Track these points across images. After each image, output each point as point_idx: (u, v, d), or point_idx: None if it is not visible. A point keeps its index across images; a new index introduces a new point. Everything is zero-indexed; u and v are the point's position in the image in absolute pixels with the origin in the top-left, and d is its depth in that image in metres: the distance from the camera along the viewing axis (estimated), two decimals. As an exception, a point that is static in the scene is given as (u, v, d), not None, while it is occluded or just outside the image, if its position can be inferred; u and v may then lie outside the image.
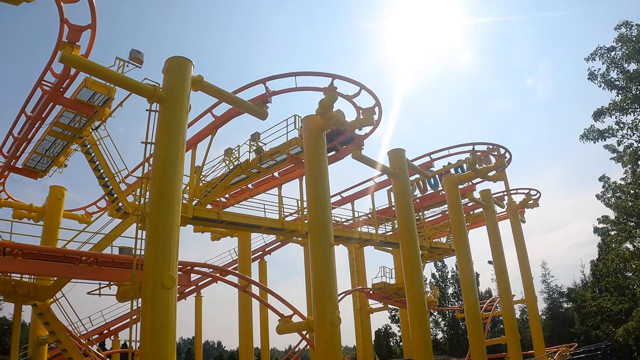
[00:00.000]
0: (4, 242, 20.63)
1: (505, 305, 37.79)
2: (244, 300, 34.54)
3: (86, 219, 35.38)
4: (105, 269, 21.03)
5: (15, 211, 33.08)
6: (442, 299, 74.41)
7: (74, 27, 20.14)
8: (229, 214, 26.34)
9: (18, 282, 22.73)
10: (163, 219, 16.83)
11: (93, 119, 24.91)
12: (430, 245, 39.46)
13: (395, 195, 28.89)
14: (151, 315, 15.97)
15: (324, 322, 20.95)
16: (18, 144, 27.09)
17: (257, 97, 22.96)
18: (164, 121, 18.21)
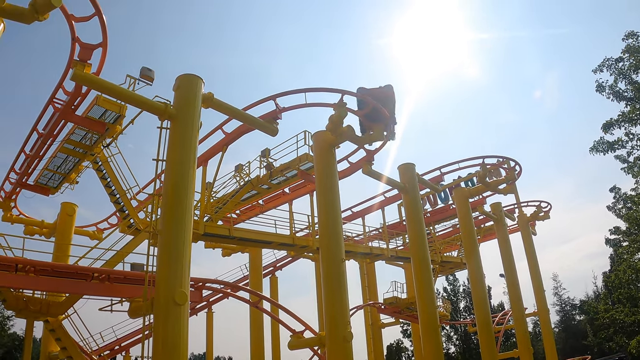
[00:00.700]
0: (16, 259, 20.72)
1: (518, 318, 37.64)
2: (255, 315, 34.49)
3: (97, 236, 35.50)
4: (117, 285, 21.13)
5: (27, 227, 33.23)
6: (454, 312, 74.12)
7: (85, 45, 20.31)
8: (240, 230, 26.33)
9: (30, 298, 22.84)
10: (175, 235, 16.85)
11: (104, 136, 25.10)
12: (441, 259, 39.31)
13: (406, 210, 28.88)
14: (163, 331, 15.97)
15: (335, 337, 20.90)
16: (30, 161, 27.25)
17: (267, 114, 23.01)
18: (175, 138, 18.29)
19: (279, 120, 22.97)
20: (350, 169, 28.24)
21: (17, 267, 19.98)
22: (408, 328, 71.35)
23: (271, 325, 38.35)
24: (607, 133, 31.21)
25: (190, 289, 17.47)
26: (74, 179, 28.68)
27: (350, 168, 28.23)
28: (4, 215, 32.21)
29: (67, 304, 23.59)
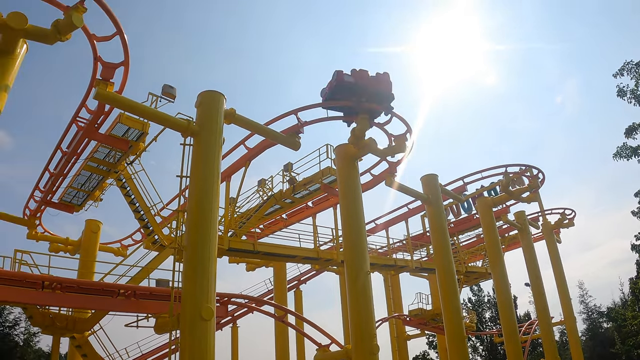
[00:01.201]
0: (42, 276, 20.92)
1: (544, 327, 37.27)
2: (280, 330, 34.44)
3: (122, 252, 35.70)
4: (142, 301, 21.27)
5: (52, 245, 33.54)
6: (480, 323, 73.47)
7: (107, 64, 20.46)
8: (264, 245, 26.35)
9: (56, 314, 23.06)
10: (200, 251, 16.93)
11: (128, 154, 25.25)
12: (466, 270, 39.08)
13: (430, 221, 28.78)
14: (189, 347, 16.05)
15: (362, 350, 20.84)
16: (54, 179, 27.49)
17: (289, 128, 23.04)
18: (198, 155, 18.41)
19: (301, 134, 23.02)
20: (373, 181, 28.22)
21: (43, 284, 20.17)
22: (434, 339, 70.74)
23: (296, 339, 38.26)
24: (629, 138, 30.90)
25: (216, 304, 17.52)
26: (98, 196, 28.88)
27: (373, 180, 28.21)
28: (29, 232, 32.52)
29: (93, 320, 23.78)
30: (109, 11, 19.18)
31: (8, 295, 20.15)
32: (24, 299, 20.54)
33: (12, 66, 17.01)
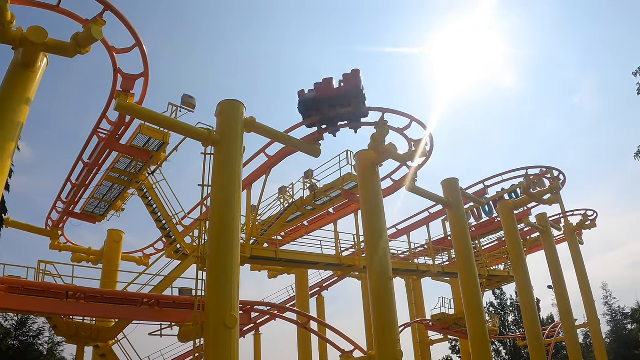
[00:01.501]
0: (66, 286, 21.05)
1: (568, 330, 37.02)
2: (303, 336, 34.39)
3: (144, 261, 35.85)
4: (166, 310, 21.34)
5: (75, 255, 33.82)
6: (503, 327, 72.98)
7: (127, 76, 20.56)
8: (286, 252, 26.39)
9: (80, 324, 23.22)
10: (223, 259, 17.04)
11: (149, 164, 25.38)
12: (488, 274, 38.85)
13: (451, 225, 28.74)
14: (214, 354, 16.17)
15: (385, 356, 20.79)
16: (76, 190, 27.69)
17: (309, 135, 23.10)
18: (219, 164, 18.54)
19: (321, 141, 23.07)
20: (393, 186, 28.21)
21: (67, 294, 20.28)
22: (456, 344, 70.32)
23: (319, 346, 38.18)
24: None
25: (239, 312, 17.58)
26: (120, 206, 29.05)
27: (393, 186, 28.21)
28: (52, 243, 32.82)
29: (117, 330, 23.93)
30: (128, 24, 19.33)
31: (33, 306, 20.30)
32: (48, 309, 20.68)
33: (33, 80, 17.17)
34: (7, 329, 50.95)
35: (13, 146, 16.07)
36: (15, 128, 16.19)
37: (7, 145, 15.75)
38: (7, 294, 19.13)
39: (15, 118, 16.23)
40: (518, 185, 38.76)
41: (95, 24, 17.43)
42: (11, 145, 15.94)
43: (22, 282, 19.84)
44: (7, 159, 15.71)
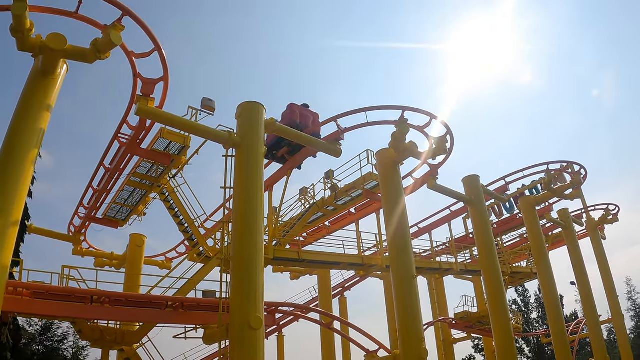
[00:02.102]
0: (91, 290, 21.20)
1: (592, 326, 36.67)
2: (326, 337, 34.39)
3: (166, 265, 35.92)
4: (190, 312, 21.41)
5: (97, 260, 33.91)
6: (526, 324, 72.61)
7: (147, 80, 20.62)
8: (309, 253, 26.44)
9: (105, 328, 23.33)
10: (247, 261, 17.10)
11: (170, 168, 25.40)
12: (510, 271, 38.63)
13: (473, 222, 28.60)
14: (239, 356, 16.24)
15: (411, 355, 20.78)
16: (98, 196, 27.80)
17: (329, 135, 23.13)
18: (240, 166, 18.59)
19: (342, 140, 23.06)
20: (414, 185, 28.06)
21: (92, 298, 20.41)
22: (480, 342, 70.04)
23: (342, 346, 38.14)
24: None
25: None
26: (141, 210, 29.10)
27: (414, 184, 28.04)
28: (74, 249, 32.94)
29: (142, 333, 24.03)
30: (147, 28, 19.34)
31: (58, 310, 20.46)
32: (73, 314, 20.83)
33: (54, 87, 17.20)
34: (32, 334, 51.25)
35: (35, 153, 16.14)
36: (37, 135, 16.27)
37: (29, 152, 15.84)
38: (32, 299, 19.30)
39: (36, 125, 16.30)
40: (539, 181, 38.41)
41: (114, 29, 17.44)
42: (33, 152, 16.02)
43: (47, 287, 19.99)
44: (29, 166, 15.80)
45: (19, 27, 16.01)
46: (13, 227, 14.85)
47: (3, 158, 15.49)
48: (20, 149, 15.73)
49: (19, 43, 16.45)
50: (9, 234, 14.63)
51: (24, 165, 15.58)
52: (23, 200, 15.66)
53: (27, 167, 15.66)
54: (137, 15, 18.58)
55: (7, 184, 15.10)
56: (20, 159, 15.58)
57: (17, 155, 15.60)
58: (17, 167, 15.43)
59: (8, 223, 14.63)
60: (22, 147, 15.79)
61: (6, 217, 14.63)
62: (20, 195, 15.38)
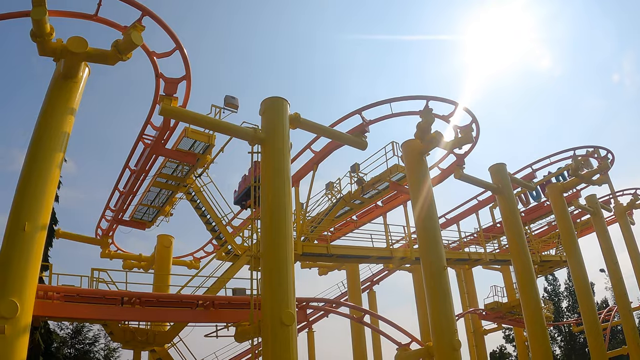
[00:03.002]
0: (121, 292, 21.28)
1: (624, 314, 36.19)
2: (357, 331, 34.29)
3: (195, 265, 36.04)
4: (221, 311, 21.44)
5: (126, 262, 34.20)
6: (556, 313, 71.92)
7: (169, 80, 20.54)
8: (338, 247, 26.33)
9: (136, 329, 23.43)
10: (277, 257, 17.02)
11: (196, 167, 25.38)
12: (540, 259, 38.22)
13: (502, 211, 28.31)
14: (272, 352, 16.17)
15: (444, 347, 20.60)
16: (124, 198, 27.89)
17: (354, 128, 22.99)
18: (267, 162, 18.51)
19: (367, 133, 22.90)
20: (441, 175, 27.88)
21: (122, 300, 20.49)
22: (510, 333, 69.58)
23: (372, 341, 38.01)
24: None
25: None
26: (168, 211, 29.11)
27: (441, 174, 27.88)
28: (102, 251, 33.25)
29: (173, 333, 24.10)
30: (168, 28, 19.28)
31: (89, 313, 20.54)
32: (105, 316, 20.91)
33: (76, 90, 17.23)
34: (63, 338, 51.77)
35: (60, 157, 16.21)
36: (62, 138, 16.34)
37: (54, 155, 15.92)
38: (63, 302, 19.37)
39: (61, 129, 16.38)
40: (565, 167, 38.02)
41: (135, 29, 17.43)
42: (59, 156, 16.09)
43: (77, 290, 20.08)
44: (55, 170, 15.88)
45: (39, 31, 16.06)
46: (42, 231, 14.95)
47: (29, 163, 15.59)
48: (46, 154, 15.81)
49: (40, 48, 16.49)
50: (38, 238, 14.73)
51: (50, 169, 15.68)
52: (50, 204, 15.72)
53: (53, 171, 15.75)
54: (157, 15, 18.56)
55: (34, 188, 15.22)
56: (45, 163, 15.68)
57: (42, 159, 15.69)
58: (43, 171, 15.53)
59: (37, 227, 14.74)
60: (47, 151, 15.86)
61: (35, 221, 14.73)
62: (48, 200, 15.46)
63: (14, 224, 14.55)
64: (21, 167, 15.65)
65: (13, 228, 14.48)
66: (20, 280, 13.92)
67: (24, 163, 15.67)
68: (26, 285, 13.99)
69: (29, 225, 14.48)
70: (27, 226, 14.45)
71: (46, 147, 15.88)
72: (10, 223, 14.59)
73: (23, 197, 15.04)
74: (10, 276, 13.85)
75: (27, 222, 14.51)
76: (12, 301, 13.42)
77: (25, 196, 15.06)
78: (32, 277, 14.27)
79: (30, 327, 14.13)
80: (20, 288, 13.81)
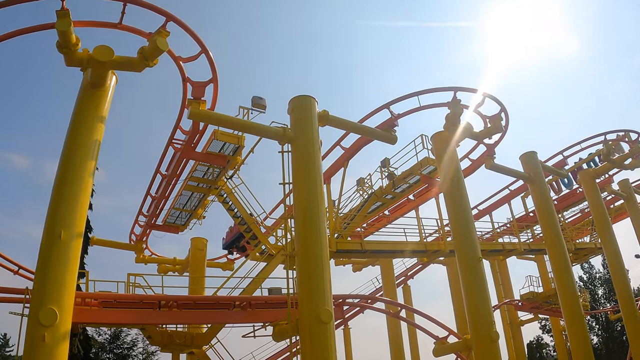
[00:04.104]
0: (159, 296, 21.45)
1: (662, 299, 35.74)
2: (393, 327, 34.23)
3: (229, 266, 36.14)
4: (258, 311, 21.52)
5: (160, 266, 34.46)
6: (593, 301, 71.20)
7: (196, 83, 20.65)
8: (371, 243, 26.24)
9: (174, 332, 23.65)
10: (312, 255, 17.08)
11: (226, 169, 25.42)
12: (575, 247, 37.84)
13: (535, 199, 28.11)
14: (311, 350, 16.23)
15: (482, 339, 20.49)
16: (157, 203, 28.12)
17: (383, 123, 22.98)
18: (298, 160, 18.58)
19: (396, 127, 22.85)
20: (472, 166, 27.76)
21: (160, 303, 20.63)
22: (547, 323, 68.99)
23: (409, 336, 37.90)
24: None
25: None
26: (201, 214, 29.21)
27: (472, 165, 27.75)
28: (137, 257, 33.47)
29: (210, 335, 24.29)
30: (192, 32, 19.37)
31: (127, 318, 20.83)
32: (143, 320, 21.16)
33: (105, 98, 17.27)
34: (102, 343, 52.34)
35: (93, 165, 16.31)
36: (93, 147, 16.43)
37: (87, 163, 16.03)
38: (101, 308, 19.57)
39: (91, 137, 16.45)
40: (596, 153, 37.58)
41: (160, 35, 17.48)
42: (91, 164, 16.19)
43: (115, 296, 20.29)
44: (88, 177, 15.98)
45: (65, 43, 16.12)
46: (77, 239, 15.07)
47: (62, 171, 15.72)
48: (78, 162, 15.94)
49: (67, 58, 16.55)
50: (74, 245, 14.85)
51: (83, 177, 15.78)
52: (85, 211, 15.85)
53: (86, 179, 15.86)
54: (180, 19, 18.62)
55: (68, 196, 15.34)
56: (78, 171, 15.80)
57: (75, 168, 15.82)
58: (77, 179, 15.65)
59: (72, 235, 14.84)
60: (80, 159, 15.97)
61: (70, 229, 14.83)
62: (82, 207, 15.58)
63: (50, 232, 14.66)
64: (54, 177, 15.78)
65: (49, 236, 14.59)
66: (59, 288, 14.04)
67: (57, 172, 15.81)
68: (64, 293, 14.11)
69: (65, 233, 14.58)
70: (63, 234, 14.54)
71: (78, 156, 16.00)
72: (46, 231, 14.71)
73: (58, 205, 15.15)
74: (48, 284, 13.98)
75: (63, 230, 14.60)
76: (51, 309, 13.52)
77: (60, 204, 15.16)
78: (70, 285, 14.39)
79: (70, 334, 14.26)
80: (58, 296, 13.92)
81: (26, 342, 13.36)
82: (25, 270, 27.83)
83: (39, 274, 14.19)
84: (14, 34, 18.70)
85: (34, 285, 14.23)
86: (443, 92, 23.46)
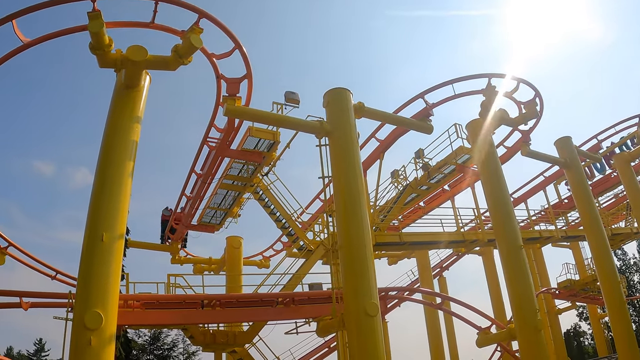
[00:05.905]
0: (201, 295, 21.55)
1: (702, 284, 35.21)
2: (431, 319, 34.08)
3: (265, 264, 36.16)
4: (301, 307, 21.51)
5: (196, 266, 34.56)
6: (628, 288, 70.42)
7: (230, 80, 20.57)
8: (410, 235, 26.05)
9: (216, 331, 23.66)
10: (356, 248, 16.95)
11: (262, 166, 25.25)
12: (611, 233, 37.38)
13: (571, 185, 27.85)
14: (358, 344, 16.11)
15: (526, 328, 20.22)
16: (192, 203, 28.08)
17: (418, 113, 22.81)
18: (336, 153, 18.48)
19: (431, 116, 22.69)
20: (507, 153, 27.51)
21: (202, 303, 20.67)
22: (584, 311, 68.40)
23: (446, 327, 37.69)
24: None
25: (377, 299, 17.43)
26: (236, 212, 29.05)
27: (507, 152, 27.51)
28: (172, 257, 33.53)
29: (253, 332, 24.25)
30: (226, 28, 19.30)
31: (170, 319, 20.96)
32: (186, 320, 21.24)
33: (140, 98, 17.25)
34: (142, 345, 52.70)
35: (131, 165, 16.27)
36: (131, 147, 16.42)
37: (125, 164, 16.03)
38: (143, 310, 19.67)
39: (129, 138, 16.45)
40: (628, 136, 37.14)
41: (193, 32, 17.43)
42: (129, 165, 16.17)
43: (157, 297, 20.36)
44: (127, 178, 15.95)
45: (98, 44, 16.12)
46: (119, 241, 15.07)
47: (100, 173, 15.76)
48: (117, 164, 15.93)
49: (100, 60, 16.56)
50: (116, 247, 14.84)
51: (122, 178, 15.76)
52: (125, 212, 15.80)
53: (125, 179, 15.83)
54: (213, 16, 18.61)
55: (109, 198, 15.34)
56: (117, 172, 15.79)
57: (114, 169, 15.82)
58: (116, 180, 15.64)
59: (114, 237, 14.84)
60: (118, 161, 15.97)
61: (112, 231, 14.82)
62: (122, 208, 15.54)
63: (92, 234, 14.65)
64: (93, 179, 15.83)
65: (91, 239, 14.58)
66: (103, 291, 14.01)
67: (96, 174, 15.83)
68: (108, 296, 14.08)
69: (107, 235, 14.55)
70: (105, 236, 14.51)
71: (116, 157, 15.99)
72: (88, 235, 14.69)
73: (98, 207, 15.15)
74: (92, 287, 13.97)
75: (105, 233, 14.57)
76: (97, 312, 13.49)
77: (100, 206, 15.16)
78: (114, 287, 14.37)
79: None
80: (103, 299, 13.89)
81: (72, 346, 13.34)
82: (63, 274, 27.81)
83: (82, 277, 14.17)
84: (46, 38, 18.79)
85: (77, 289, 14.22)
86: (476, 79, 23.28)
